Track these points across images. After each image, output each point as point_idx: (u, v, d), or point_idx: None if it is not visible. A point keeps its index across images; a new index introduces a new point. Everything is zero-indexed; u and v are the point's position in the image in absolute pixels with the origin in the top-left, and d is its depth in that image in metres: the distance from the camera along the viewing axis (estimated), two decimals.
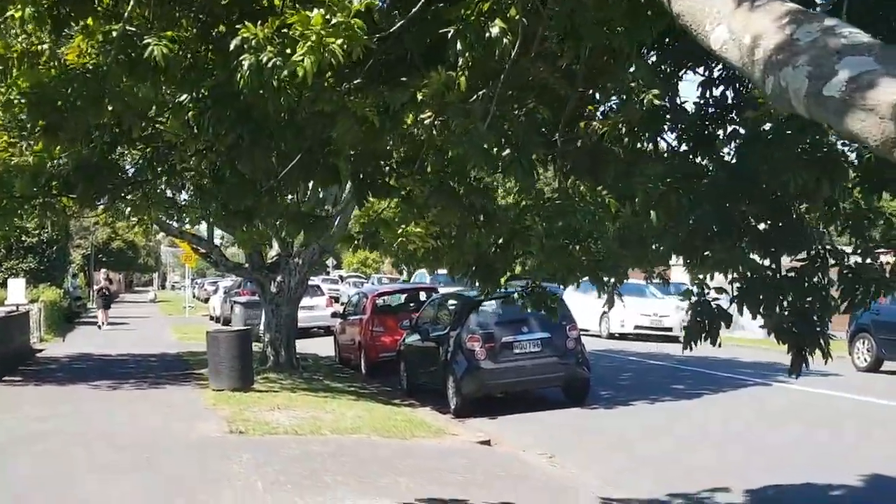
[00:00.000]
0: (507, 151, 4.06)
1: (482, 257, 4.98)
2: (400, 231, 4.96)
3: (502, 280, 5.58)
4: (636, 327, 24.64)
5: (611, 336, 24.58)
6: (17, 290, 22.03)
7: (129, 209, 6.51)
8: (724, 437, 11.10)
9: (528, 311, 14.16)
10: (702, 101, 4.77)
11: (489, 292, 5.45)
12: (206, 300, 51.59)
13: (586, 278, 4.87)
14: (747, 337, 23.09)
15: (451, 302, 14.99)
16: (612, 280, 4.78)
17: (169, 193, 7.77)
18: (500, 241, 4.82)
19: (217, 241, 18.17)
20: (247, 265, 17.36)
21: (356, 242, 5.05)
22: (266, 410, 11.83)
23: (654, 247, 4.32)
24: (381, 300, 19.42)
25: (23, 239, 30.43)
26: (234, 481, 7.78)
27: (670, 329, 23.79)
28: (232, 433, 10.23)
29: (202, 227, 18.31)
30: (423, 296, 19.89)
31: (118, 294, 68.59)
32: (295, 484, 7.72)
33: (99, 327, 28.82)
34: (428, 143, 4.11)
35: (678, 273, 8.78)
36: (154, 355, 20.22)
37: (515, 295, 6.39)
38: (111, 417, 11.21)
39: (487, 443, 10.97)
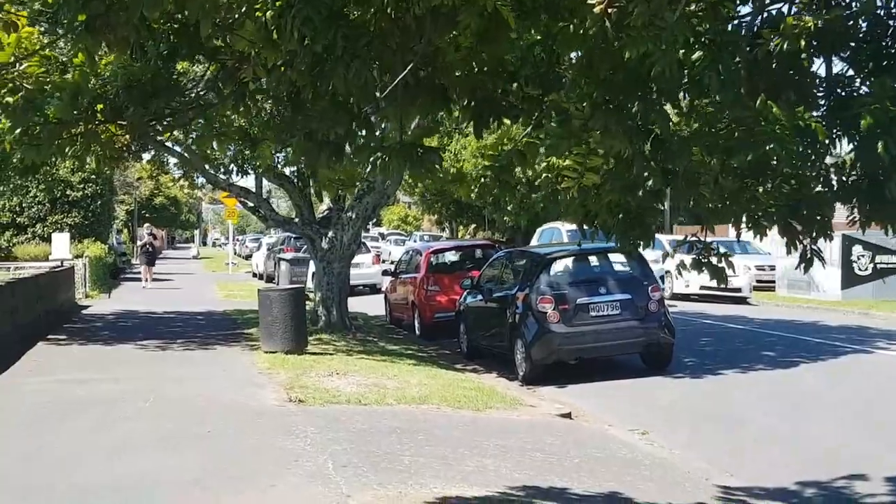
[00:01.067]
0: (700, 53, 2.98)
1: (644, 198, 3.88)
2: (544, 165, 3.91)
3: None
4: (702, 287, 23.36)
5: (674, 297, 23.36)
6: (61, 245, 21.40)
7: (191, 140, 5.45)
8: (839, 411, 9.92)
9: (605, 268, 13.34)
10: None
11: (637, 245, 4.32)
12: (248, 257, 51.27)
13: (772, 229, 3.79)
14: (821, 299, 21.85)
15: (519, 259, 13.93)
16: (812, 233, 3.67)
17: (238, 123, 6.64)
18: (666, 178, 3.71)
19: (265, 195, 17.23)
20: (297, 220, 16.43)
21: (484, 179, 3.98)
22: (324, 376, 10.93)
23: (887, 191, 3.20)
24: (437, 257, 18.40)
25: (67, 193, 29.89)
26: (303, 462, 6.86)
27: (739, 290, 22.52)
28: (291, 402, 9.33)
29: (250, 180, 17.41)
30: (478, 253, 18.84)
31: (162, 250, 68.63)
32: (371, 466, 6.78)
33: (143, 286, 27.72)
34: (596, 39, 3.04)
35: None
36: (201, 313, 19.49)
37: (678, 257, 5.22)
38: (162, 382, 10.37)
39: (568, 416, 9.96)
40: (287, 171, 16.80)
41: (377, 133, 4.31)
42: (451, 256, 18.98)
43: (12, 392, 9.81)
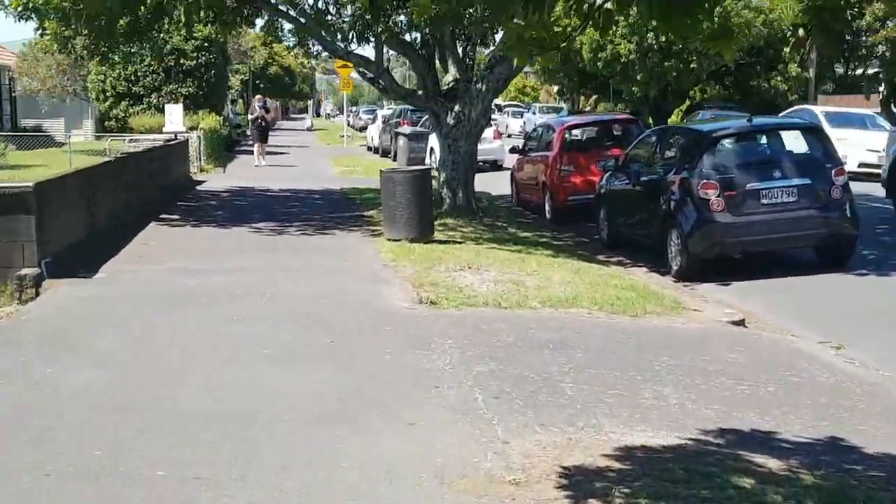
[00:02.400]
0: None
1: None
2: None
3: None
4: (861, 165, 20.95)
5: None
6: (175, 117, 20.65)
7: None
8: None
9: (779, 149, 11.49)
10: None
11: None
12: (363, 129, 50.37)
13: None
14: None
15: (675, 137, 12.19)
16: None
17: None
18: None
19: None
20: (420, 92, 14.98)
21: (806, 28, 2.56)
22: (454, 270, 9.75)
23: None
24: (571, 134, 16.69)
25: (181, 62, 29.17)
26: (445, 388, 5.70)
27: None
28: (422, 303, 8.18)
29: (368, 49, 15.94)
30: (617, 129, 17.03)
31: (276, 122, 68.64)
32: (527, 398, 5.56)
33: (256, 165, 25.32)
34: None
35: None
36: (317, 192, 18.58)
37: None
38: (279, 275, 9.38)
39: (741, 323, 8.49)
40: (409, 37, 15.26)
41: None
42: (587, 133, 17.23)
43: (117, 283, 8.99)
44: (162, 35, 19.25)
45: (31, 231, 8.57)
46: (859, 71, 47.73)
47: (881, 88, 40.20)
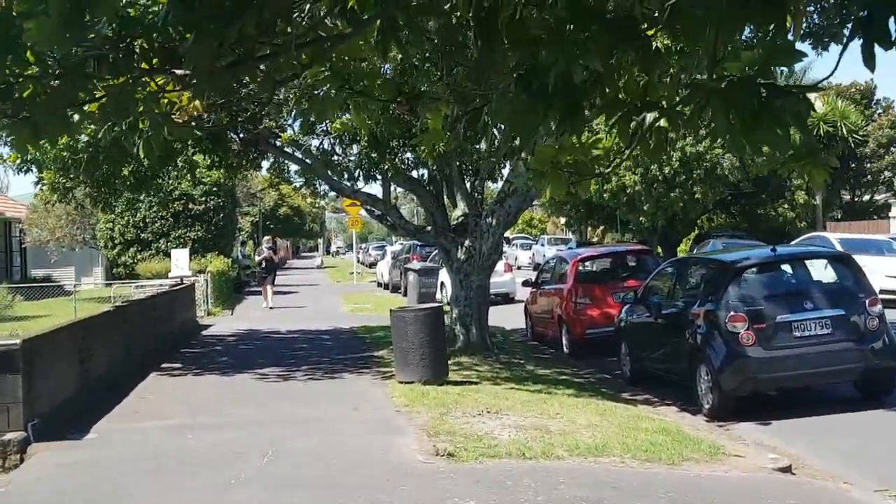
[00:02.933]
0: None
1: None
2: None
3: None
4: (882, 291, 20.37)
5: None
6: (181, 261, 20.38)
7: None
8: None
9: (807, 279, 11.00)
10: None
11: None
12: (372, 265, 50.28)
13: None
14: None
15: (696, 268, 11.73)
16: None
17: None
18: None
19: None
20: (429, 228, 14.68)
21: None
22: (472, 416, 9.09)
23: None
24: (585, 266, 16.30)
25: (189, 207, 29.28)
26: None
27: None
28: (439, 455, 7.50)
29: (375, 186, 15.80)
30: (632, 259, 16.64)
31: (286, 261, 68.84)
32: None
33: (269, 307, 23.84)
34: None
35: None
36: (326, 332, 18.04)
37: None
38: (284, 428, 8.72)
39: (789, 469, 7.76)
40: (416, 173, 15.11)
41: None
42: (601, 264, 16.84)
43: (109, 446, 8.32)
44: (169, 181, 19.30)
45: (18, 392, 7.95)
46: (866, 197, 47.87)
47: (892, 214, 40.22)
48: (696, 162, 38.82)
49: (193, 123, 11.31)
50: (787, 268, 10.68)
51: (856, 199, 47.87)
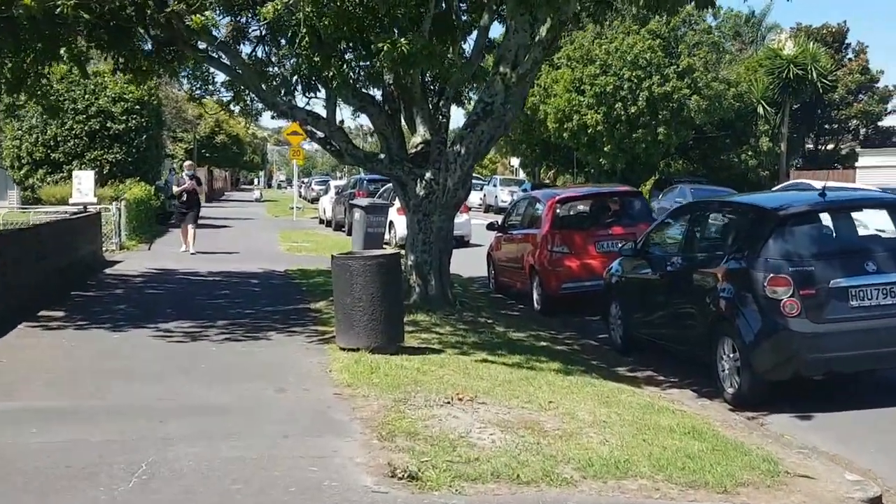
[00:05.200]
0: None
1: None
2: None
3: None
4: None
5: None
6: (85, 186, 17.42)
7: None
8: None
9: (869, 234, 8.79)
10: None
11: None
12: (314, 200, 47.41)
13: None
14: None
15: (721, 214, 9.39)
16: None
17: None
18: None
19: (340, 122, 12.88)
20: (383, 156, 12.10)
21: None
22: (439, 405, 6.73)
23: None
24: (564, 208, 13.93)
25: (108, 125, 25.93)
26: None
27: None
28: (397, 478, 5.09)
29: (319, 107, 13.09)
30: (617, 203, 14.29)
31: (223, 192, 65.32)
32: None
33: (190, 253, 18.41)
34: None
35: None
36: (256, 275, 15.43)
37: None
38: (174, 423, 6.16)
39: (879, 501, 5.58)
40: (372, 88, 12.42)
41: None
42: (582, 208, 14.47)
43: None
44: (85, 95, 16.07)
45: None
46: (830, 146, 46.36)
47: (857, 164, 38.75)
48: (663, 102, 36.86)
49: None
50: (845, 219, 8.39)
51: (819, 148, 46.35)
